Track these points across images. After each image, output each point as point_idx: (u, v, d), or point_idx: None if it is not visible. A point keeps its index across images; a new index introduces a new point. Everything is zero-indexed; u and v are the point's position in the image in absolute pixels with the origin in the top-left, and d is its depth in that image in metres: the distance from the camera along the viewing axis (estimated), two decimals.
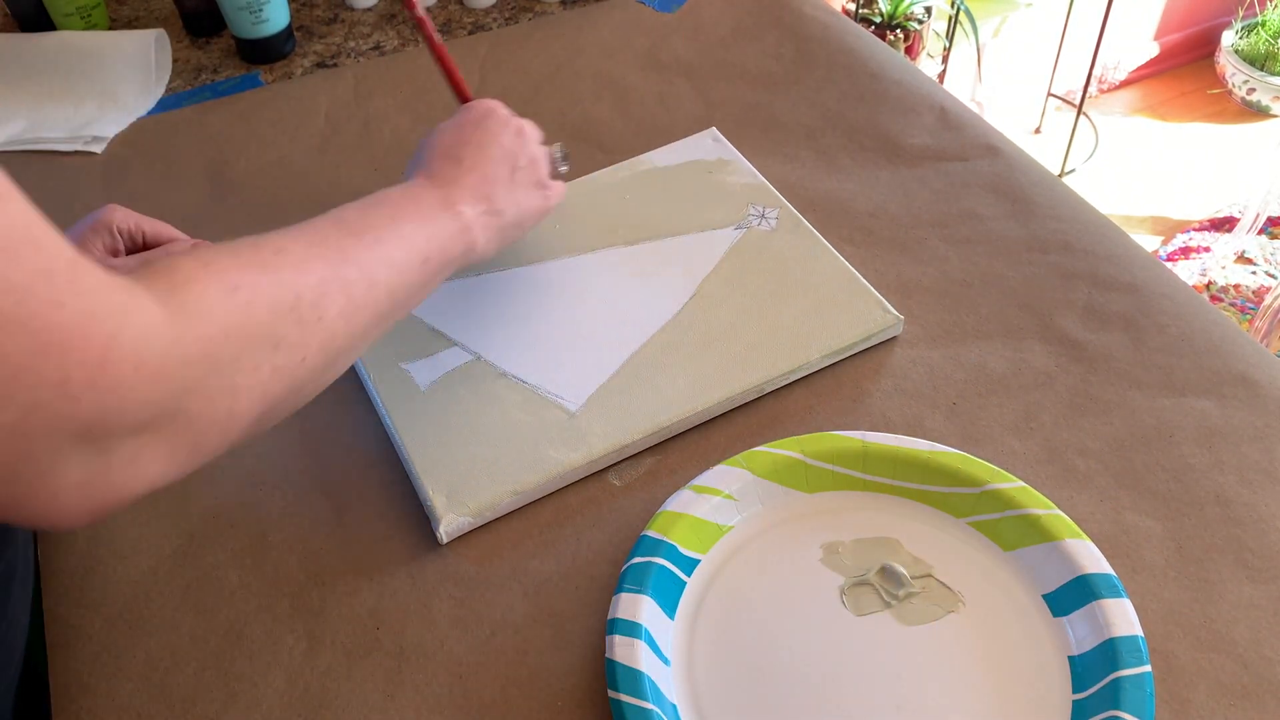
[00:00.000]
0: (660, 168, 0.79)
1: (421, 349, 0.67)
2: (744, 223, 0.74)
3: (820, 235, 0.72)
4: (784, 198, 0.76)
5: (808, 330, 0.67)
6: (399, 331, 0.68)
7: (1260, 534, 0.57)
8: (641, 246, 0.73)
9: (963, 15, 2.02)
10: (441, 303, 0.70)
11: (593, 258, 0.73)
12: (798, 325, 0.67)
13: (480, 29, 0.99)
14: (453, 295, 0.70)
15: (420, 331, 0.68)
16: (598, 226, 0.75)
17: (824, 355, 0.66)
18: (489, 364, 0.66)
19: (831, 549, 0.57)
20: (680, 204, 0.76)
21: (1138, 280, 0.70)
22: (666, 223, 0.74)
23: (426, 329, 0.69)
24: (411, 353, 0.67)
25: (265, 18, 0.92)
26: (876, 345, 0.67)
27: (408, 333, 0.68)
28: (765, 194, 0.76)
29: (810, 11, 0.97)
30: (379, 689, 0.53)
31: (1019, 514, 0.56)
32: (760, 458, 0.59)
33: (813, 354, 0.65)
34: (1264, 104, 2.31)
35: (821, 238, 0.72)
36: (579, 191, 0.77)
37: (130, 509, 0.62)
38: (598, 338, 0.67)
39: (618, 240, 0.74)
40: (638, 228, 0.74)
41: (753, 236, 0.73)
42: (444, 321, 0.69)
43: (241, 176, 0.83)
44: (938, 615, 0.54)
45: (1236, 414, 0.63)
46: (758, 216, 0.74)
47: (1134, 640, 0.50)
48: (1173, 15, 2.38)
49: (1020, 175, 0.79)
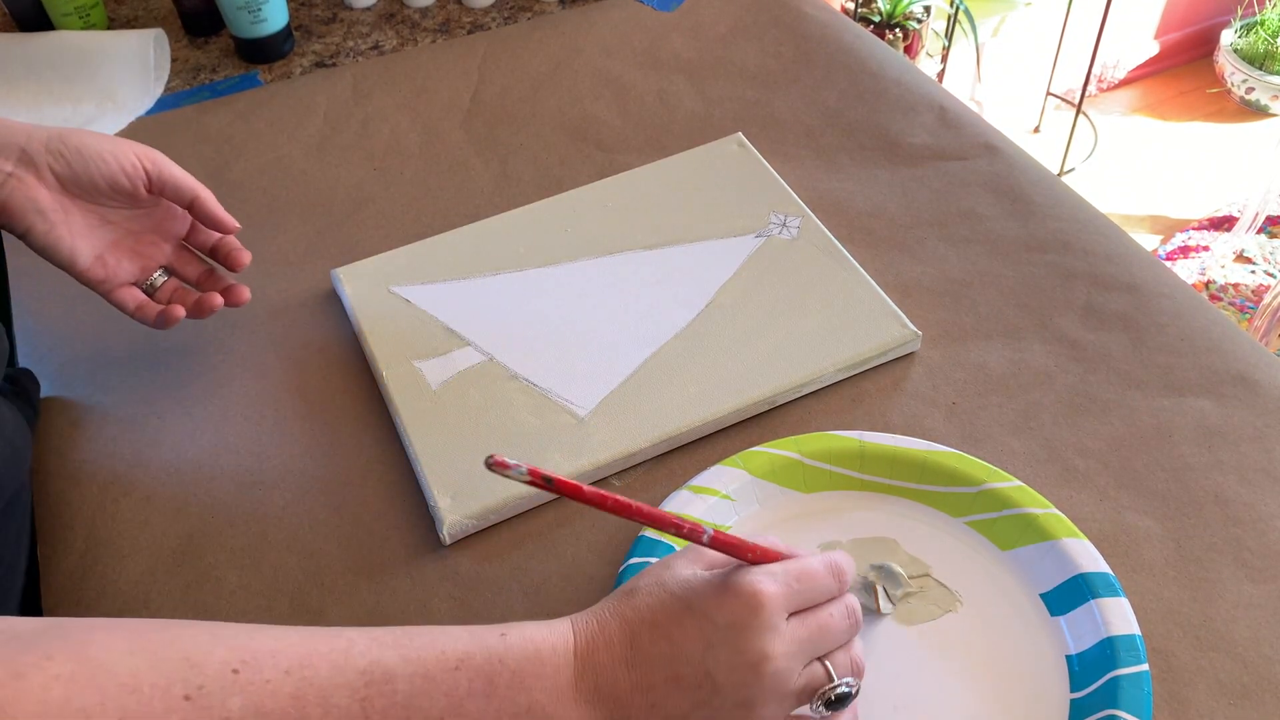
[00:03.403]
0: (683, 172, 0.78)
1: (436, 347, 0.67)
2: (765, 231, 0.73)
3: (841, 245, 0.72)
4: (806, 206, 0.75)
5: (823, 343, 0.66)
6: (414, 329, 0.68)
7: (1259, 533, 0.57)
8: (660, 251, 0.73)
9: (962, 14, 2.02)
10: (458, 302, 0.70)
11: (610, 261, 0.72)
12: (813, 338, 0.66)
13: (479, 28, 0.99)
14: (469, 295, 0.70)
15: (435, 330, 0.68)
16: (617, 230, 0.74)
17: (839, 369, 0.65)
18: (501, 365, 0.66)
19: (829, 549, 0.57)
20: (701, 209, 0.75)
21: (1137, 279, 0.70)
22: (686, 228, 0.74)
23: (442, 328, 0.68)
24: (425, 351, 0.67)
25: (264, 17, 0.92)
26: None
27: (423, 331, 0.68)
28: (788, 201, 0.75)
29: (809, 10, 0.97)
30: None
31: (1016, 513, 0.56)
32: (757, 458, 0.59)
33: (827, 368, 0.65)
34: (1263, 103, 2.31)
35: (842, 248, 0.71)
36: (599, 193, 0.77)
37: (130, 509, 0.62)
38: (610, 343, 0.67)
39: (636, 244, 0.73)
40: (657, 232, 0.74)
41: (773, 245, 0.72)
42: (459, 321, 0.69)
43: (240, 176, 0.83)
44: (935, 615, 0.54)
45: (1235, 413, 0.63)
46: (779, 225, 0.73)
47: (1131, 639, 0.50)
48: (1172, 14, 2.38)
49: (1019, 174, 0.79)
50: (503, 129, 0.86)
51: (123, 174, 0.61)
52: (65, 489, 0.63)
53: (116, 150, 0.61)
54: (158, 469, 0.64)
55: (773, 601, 0.42)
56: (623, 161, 0.82)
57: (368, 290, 0.71)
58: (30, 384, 0.67)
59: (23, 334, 0.72)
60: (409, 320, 0.69)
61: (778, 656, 0.42)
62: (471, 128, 0.87)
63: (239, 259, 0.67)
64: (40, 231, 0.60)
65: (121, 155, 0.61)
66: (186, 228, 0.67)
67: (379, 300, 0.70)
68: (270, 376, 0.69)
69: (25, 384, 0.66)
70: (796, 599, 0.43)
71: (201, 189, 0.64)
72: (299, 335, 0.71)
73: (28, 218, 0.59)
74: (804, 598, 0.44)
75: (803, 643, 0.43)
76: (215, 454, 0.64)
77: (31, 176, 0.59)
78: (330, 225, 0.79)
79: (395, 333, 0.68)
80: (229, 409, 0.67)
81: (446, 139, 0.86)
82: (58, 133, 0.60)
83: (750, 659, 0.41)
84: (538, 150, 0.84)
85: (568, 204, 0.76)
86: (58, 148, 0.59)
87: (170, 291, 0.66)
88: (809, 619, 0.44)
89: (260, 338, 0.71)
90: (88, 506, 0.62)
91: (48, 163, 0.59)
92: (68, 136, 0.60)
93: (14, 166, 0.58)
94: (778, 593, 0.42)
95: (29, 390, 0.66)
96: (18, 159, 0.59)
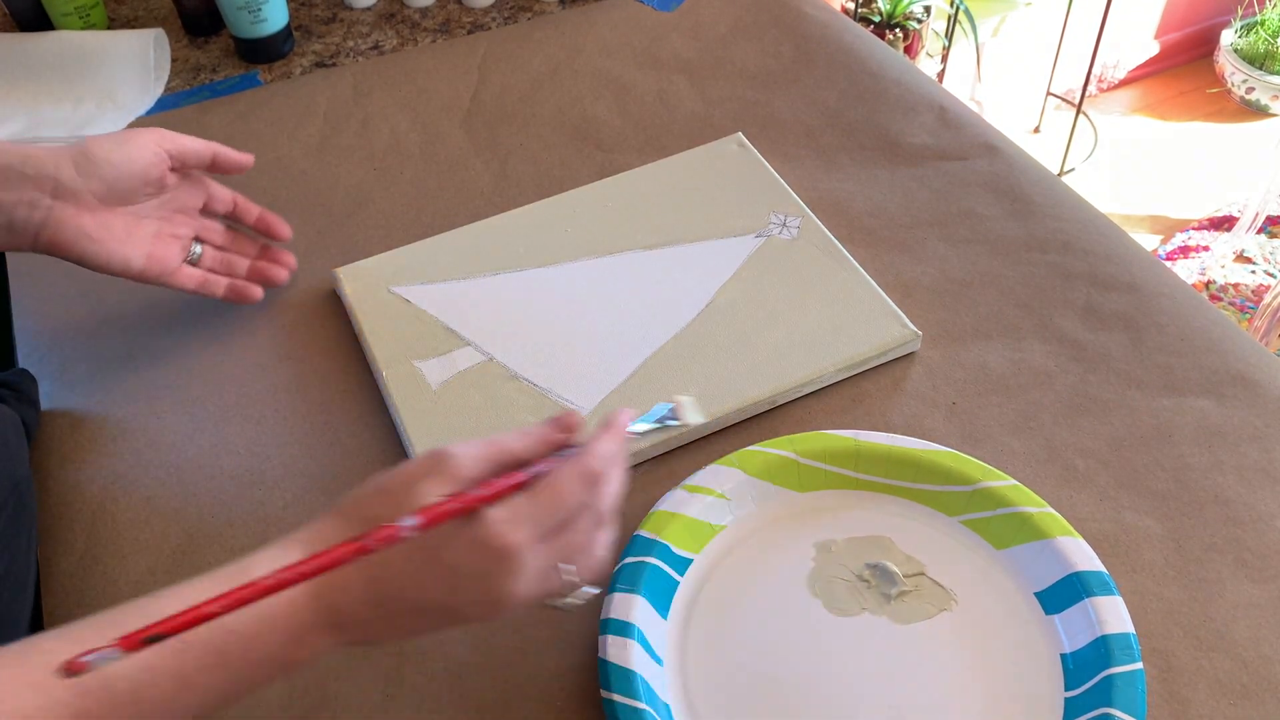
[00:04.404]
0: (683, 172, 0.78)
1: (436, 347, 0.67)
2: (765, 231, 0.73)
3: (841, 246, 0.72)
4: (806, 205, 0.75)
5: (824, 343, 0.66)
6: (414, 329, 0.68)
7: (1259, 533, 0.57)
8: (660, 252, 0.73)
9: (962, 14, 2.02)
10: (458, 302, 0.70)
11: (610, 261, 0.72)
12: (814, 338, 0.66)
13: (479, 28, 0.99)
14: (469, 295, 0.70)
15: (435, 330, 0.68)
16: (617, 230, 0.74)
17: (839, 369, 0.65)
18: (501, 365, 0.66)
19: (824, 548, 0.57)
20: (701, 209, 0.75)
21: (1137, 279, 0.70)
22: (686, 228, 0.74)
23: (442, 328, 0.68)
24: (425, 351, 0.67)
25: (264, 17, 0.92)
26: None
27: (422, 330, 0.68)
28: (788, 202, 0.75)
29: (809, 10, 0.97)
30: (378, 689, 0.53)
31: (1011, 512, 0.56)
32: (753, 457, 0.59)
33: (827, 368, 0.65)
34: (1263, 103, 2.31)
35: (843, 248, 0.71)
36: (600, 193, 0.77)
37: (130, 508, 0.62)
38: (610, 343, 0.67)
39: (636, 245, 0.73)
40: (657, 232, 0.74)
41: (773, 245, 0.72)
42: (459, 321, 0.69)
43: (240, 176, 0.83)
44: (930, 614, 0.54)
45: (1235, 413, 0.63)
46: (779, 225, 0.73)
47: (1126, 638, 0.50)
48: (1172, 14, 2.37)
49: (1019, 174, 0.79)
50: (503, 129, 0.87)
51: (152, 167, 0.63)
52: (65, 489, 0.63)
53: (136, 146, 0.62)
54: (158, 469, 0.64)
55: (521, 550, 0.42)
56: (623, 161, 0.82)
57: (368, 290, 0.71)
58: (29, 385, 0.67)
59: (23, 334, 0.72)
60: (409, 320, 0.69)
61: (520, 591, 0.43)
62: (471, 128, 0.87)
63: (280, 230, 0.71)
64: (92, 254, 0.61)
65: (142, 148, 0.62)
66: (204, 198, 0.68)
67: (379, 300, 0.70)
68: (270, 376, 0.69)
69: (24, 386, 0.66)
70: (545, 529, 0.43)
71: (214, 145, 0.66)
72: (299, 335, 0.71)
73: (78, 245, 0.60)
74: (553, 523, 0.43)
75: (547, 569, 0.44)
76: (215, 454, 0.64)
77: (71, 205, 0.59)
78: (330, 225, 0.79)
79: (395, 332, 0.68)
80: (229, 409, 0.67)
81: (446, 139, 0.86)
82: (79, 150, 0.61)
83: (494, 596, 0.42)
84: (538, 150, 0.84)
85: (568, 204, 0.76)
86: (87, 167, 0.60)
87: (212, 259, 0.69)
88: (556, 543, 0.44)
89: (260, 338, 0.71)
90: (88, 506, 0.62)
91: (85, 186, 0.60)
92: (90, 151, 0.61)
93: (52, 199, 0.59)
94: (525, 539, 0.42)
95: (28, 391, 0.66)
96: (53, 191, 0.59)
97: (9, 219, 0.58)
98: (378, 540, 0.40)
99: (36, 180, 0.58)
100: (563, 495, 0.43)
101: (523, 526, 0.42)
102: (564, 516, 0.43)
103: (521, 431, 0.46)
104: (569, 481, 0.44)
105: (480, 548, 0.42)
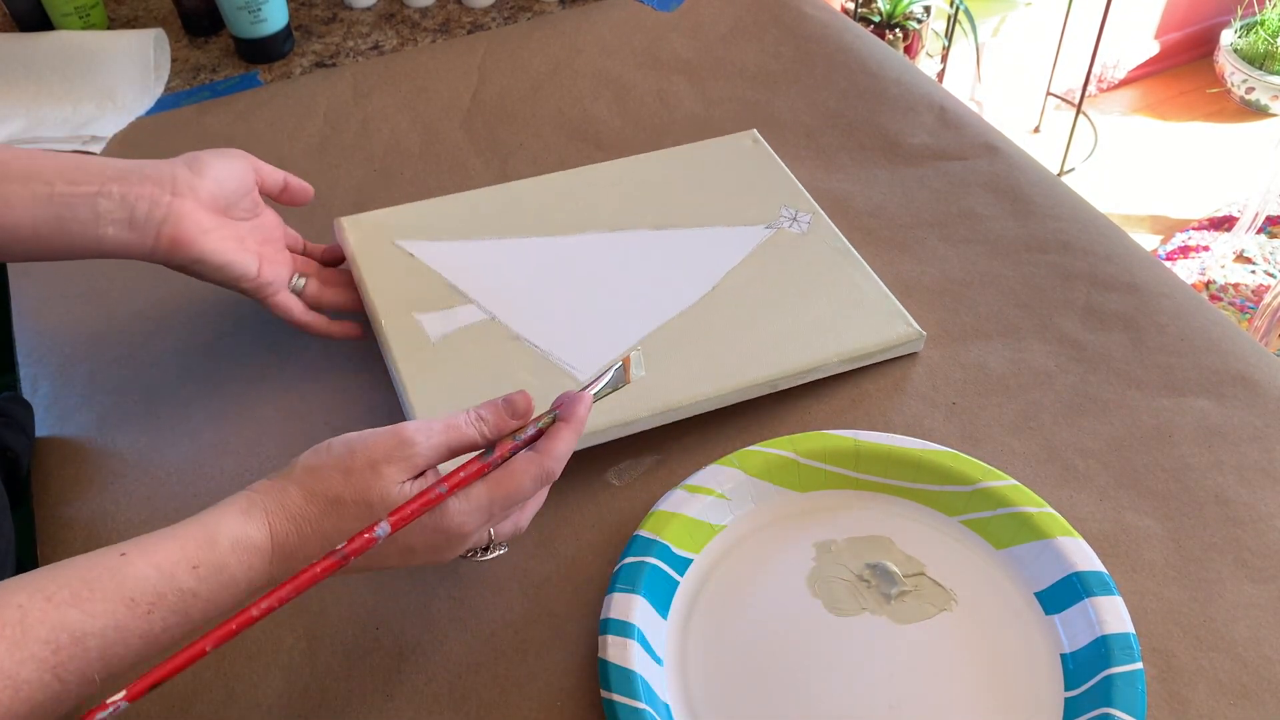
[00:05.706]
0: (696, 160, 0.78)
1: (437, 302, 0.67)
2: (775, 223, 0.73)
3: (850, 244, 0.71)
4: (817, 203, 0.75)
5: (828, 332, 0.66)
6: (416, 282, 0.68)
7: (1259, 533, 0.57)
8: (669, 233, 0.73)
9: (962, 14, 2.02)
10: (463, 261, 0.70)
11: (619, 237, 0.72)
12: (818, 326, 0.66)
13: (479, 28, 0.99)
14: (475, 255, 0.70)
15: (438, 285, 0.68)
16: (628, 208, 0.74)
17: (841, 360, 0.65)
18: (503, 325, 0.66)
19: (824, 548, 0.57)
20: (712, 197, 0.75)
21: (1137, 280, 0.70)
22: (696, 213, 0.74)
23: (445, 284, 0.68)
24: (426, 304, 0.67)
25: (264, 17, 0.92)
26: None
27: (425, 284, 0.68)
28: (800, 198, 0.75)
29: (809, 10, 0.97)
30: (378, 689, 0.53)
31: (1011, 512, 0.56)
32: (753, 457, 0.59)
33: (830, 357, 0.64)
34: (1263, 103, 2.31)
35: (851, 246, 0.71)
36: (611, 172, 0.77)
37: (129, 507, 0.62)
38: (614, 314, 0.67)
39: (646, 224, 0.73)
40: (667, 214, 0.74)
41: (783, 237, 0.72)
42: (463, 279, 0.68)
43: None
44: (930, 614, 0.54)
45: (1236, 413, 0.63)
46: (790, 219, 0.73)
47: (1126, 637, 0.50)
48: (1172, 14, 2.38)
49: (1019, 174, 0.79)
50: (503, 129, 0.87)
51: (248, 177, 0.63)
52: (65, 489, 0.63)
53: (233, 157, 0.63)
54: (158, 469, 0.64)
55: (473, 533, 0.49)
56: None
57: (370, 241, 0.70)
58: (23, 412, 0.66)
59: (23, 334, 0.72)
60: (412, 273, 0.69)
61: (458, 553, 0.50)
62: (471, 128, 0.87)
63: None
64: (211, 251, 0.60)
65: (238, 159, 0.63)
66: (282, 233, 0.68)
67: (382, 251, 0.70)
68: (270, 377, 0.69)
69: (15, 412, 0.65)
70: (494, 515, 0.49)
71: (285, 173, 0.66)
72: (299, 336, 0.71)
73: (199, 242, 0.59)
74: (503, 510, 0.49)
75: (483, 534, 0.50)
76: (215, 454, 0.64)
77: (190, 201, 0.59)
78: (331, 225, 0.79)
79: (397, 283, 0.68)
80: (229, 410, 0.67)
81: (446, 139, 0.86)
82: (188, 156, 0.61)
83: (437, 560, 0.49)
84: (538, 150, 0.84)
85: (580, 178, 0.76)
86: (199, 169, 0.60)
87: (314, 293, 0.68)
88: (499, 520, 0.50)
89: (260, 338, 0.71)
90: (88, 506, 0.62)
91: (200, 185, 0.60)
92: (197, 156, 0.61)
93: (172, 196, 0.59)
94: (478, 524, 0.49)
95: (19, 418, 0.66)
96: (173, 188, 0.59)
97: (131, 214, 0.58)
98: (353, 552, 0.44)
99: (156, 179, 0.59)
100: (519, 490, 0.49)
101: (478, 514, 0.48)
102: (515, 500, 0.49)
103: (477, 416, 0.50)
104: (525, 478, 0.49)
105: (438, 533, 0.47)
